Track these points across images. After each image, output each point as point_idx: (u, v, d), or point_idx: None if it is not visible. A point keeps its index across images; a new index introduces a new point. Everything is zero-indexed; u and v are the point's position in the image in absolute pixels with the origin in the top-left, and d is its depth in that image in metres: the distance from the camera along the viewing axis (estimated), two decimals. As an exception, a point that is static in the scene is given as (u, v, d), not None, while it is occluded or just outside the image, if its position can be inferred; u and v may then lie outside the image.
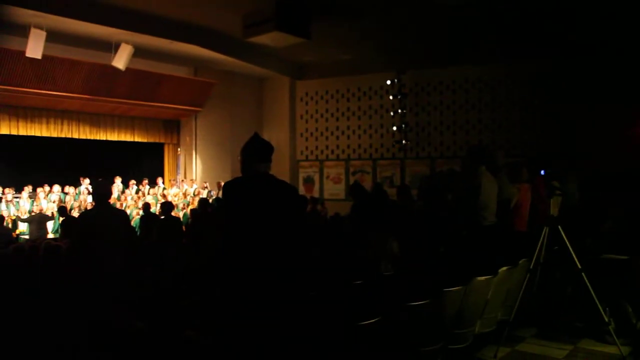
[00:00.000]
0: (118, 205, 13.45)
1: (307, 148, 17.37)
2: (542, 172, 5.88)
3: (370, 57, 15.41)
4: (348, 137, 16.86)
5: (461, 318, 4.26)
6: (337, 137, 17.01)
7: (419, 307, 3.73)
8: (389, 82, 15.41)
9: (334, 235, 6.97)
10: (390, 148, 16.09)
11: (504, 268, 4.84)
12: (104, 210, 5.09)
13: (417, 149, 15.76)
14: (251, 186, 3.47)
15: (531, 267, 5.22)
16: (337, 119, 16.99)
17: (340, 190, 16.88)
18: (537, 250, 5.20)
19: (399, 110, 15.49)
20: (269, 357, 3.26)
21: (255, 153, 3.51)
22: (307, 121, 17.45)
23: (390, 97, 15.62)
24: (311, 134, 17.39)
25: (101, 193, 5.14)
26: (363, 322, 3.34)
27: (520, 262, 5.30)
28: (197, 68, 16.34)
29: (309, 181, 17.26)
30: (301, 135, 17.45)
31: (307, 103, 17.46)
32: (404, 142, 15.57)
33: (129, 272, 5.08)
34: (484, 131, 14.70)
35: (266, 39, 12.76)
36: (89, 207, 13.35)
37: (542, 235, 5.22)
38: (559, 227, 5.14)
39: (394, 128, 15.55)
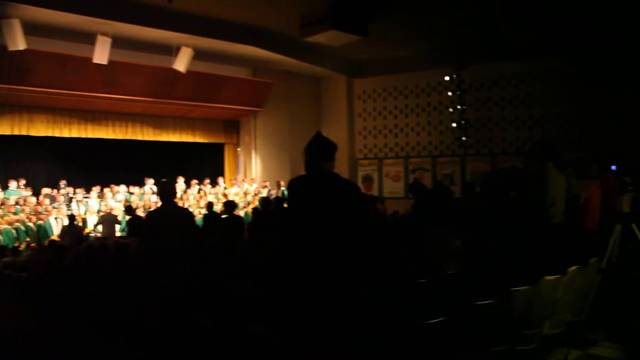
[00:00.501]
0: (180, 205, 13.77)
1: (365, 146, 17.31)
2: (614, 168, 5.63)
3: (428, 53, 15.21)
4: (407, 134, 16.70)
5: (529, 319, 4.13)
6: (396, 135, 16.88)
7: (485, 306, 3.64)
8: (447, 78, 15.16)
9: (395, 233, 6.91)
10: (450, 145, 15.83)
11: (574, 267, 4.66)
12: (169, 208, 5.22)
13: (478, 145, 15.45)
14: (315, 184, 3.47)
15: (602, 266, 5.00)
16: (396, 117, 16.86)
17: (400, 188, 16.75)
18: (609, 249, 4.99)
19: (459, 106, 15.21)
20: (331, 354, 3.26)
21: (318, 151, 3.51)
22: (365, 119, 17.39)
23: (449, 93, 15.35)
24: (369, 132, 17.32)
25: (167, 192, 5.26)
26: (428, 321, 3.29)
27: (591, 261, 5.09)
28: (255, 69, 16.54)
29: (367, 179, 17.20)
30: (359, 133, 17.40)
31: (364, 101, 17.40)
32: (464, 138, 15.28)
33: (193, 269, 5.18)
34: (547, 126, 14.24)
35: (323, 38, 12.82)
36: (152, 207, 13.74)
37: (615, 234, 5.00)
38: (633, 225, 4.91)
39: (454, 124, 15.29)
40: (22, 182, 13.94)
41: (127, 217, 11.85)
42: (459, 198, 7.45)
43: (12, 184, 13.64)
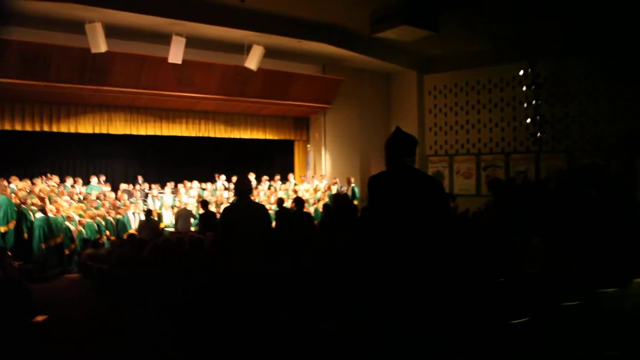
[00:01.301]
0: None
1: (436, 143, 17.02)
2: None
3: (501, 46, 14.79)
4: (479, 130, 16.30)
5: (618, 322, 3.92)
6: (467, 131, 16.52)
7: (572, 308, 3.48)
8: (522, 72, 14.66)
9: (471, 231, 6.73)
10: (524, 141, 15.33)
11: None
12: (245, 204, 5.29)
13: (553, 142, 14.87)
14: (396, 180, 3.43)
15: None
16: (467, 112, 16.49)
17: (471, 185, 16.39)
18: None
19: (534, 102, 14.68)
20: (413, 351, 3.20)
21: (398, 147, 3.47)
22: (435, 115, 17.10)
23: (524, 88, 14.84)
24: (440, 128, 17.03)
25: (242, 188, 5.33)
26: (512, 321, 3.18)
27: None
28: (325, 66, 16.58)
29: (438, 176, 16.88)
30: (430, 129, 17.13)
31: (435, 97, 17.12)
32: (539, 134, 14.74)
33: (266, 265, 5.21)
34: (633, 121, 13.48)
35: (393, 33, 12.68)
36: (224, 202, 14.03)
37: None
38: None
39: (528, 120, 14.78)
40: (102, 178, 14.58)
41: (201, 211, 12.16)
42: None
43: (94, 180, 14.28)
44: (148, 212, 12.26)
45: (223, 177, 15.82)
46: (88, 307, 8.44)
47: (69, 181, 13.74)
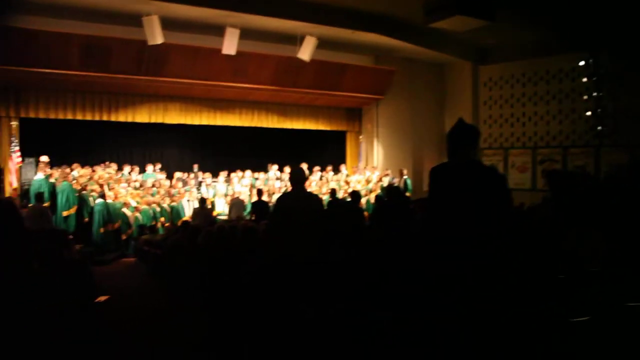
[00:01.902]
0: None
1: (490, 135, 16.69)
2: None
3: (560, 36, 14.33)
4: (535, 123, 15.90)
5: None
6: (523, 124, 16.14)
7: (636, 308, 3.36)
8: (582, 62, 14.20)
9: (526, 226, 6.57)
10: (584, 135, 14.86)
11: None
12: (299, 194, 5.33)
13: (615, 135, 14.33)
14: (457, 171, 3.39)
15: None
16: (524, 105, 16.10)
17: (526, 179, 16.02)
18: None
19: (594, 94, 14.21)
20: (469, 345, 3.16)
21: (460, 138, 3.43)
22: (490, 107, 16.78)
23: (584, 80, 14.38)
24: (495, 120, 16.69)
25: (297, 178, 5.37)
26: (573, 319, 3.09)
27: None
28: (378, 56, 16.46)
29: (491, 170, 16.59)
30: (484, 122, 16.82)
31: (490, 88, 16.78)
32: (599, 128, 14.26)
33: (320, 255, 5.23)
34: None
35: (447, 24, 12.49)
36: (276, 192, 14.17)
37: None
38: None
39: (588, 113, 14.34)
40: (158, 166, 14.92)
41: (253, 200, 12.32)
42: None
43: (149, 168, 14.64)
44: (202, 200, 12.50)
45: (275, 167, 15.95)
46: (143, 290, 8.70)
47: (126, 169, 14.13)
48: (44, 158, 12.22)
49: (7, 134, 12.45)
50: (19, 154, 12.43)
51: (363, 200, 13.95)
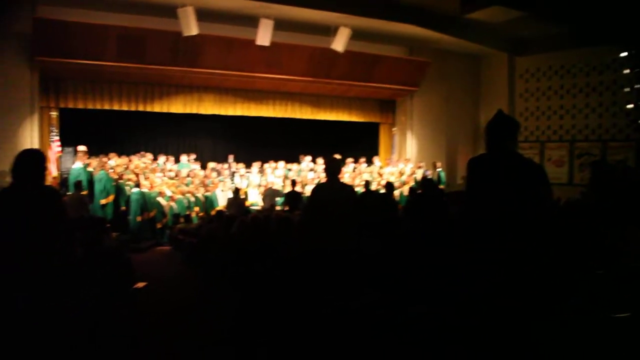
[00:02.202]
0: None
1: (526, 128, 16.38)
2: None
3: (600, 27, 13.94)
4: (573, 116, 15.57)
5: None
6: (561, 117, 15.82)
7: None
8: (624, 54, 13.81)
9: (564, 221, 6.46)
10: (624, 128, 14.50)
11: None
12: (333, 184, 5.32)
13: (658, 130, 13.97)
14: (495, 164, 3.36)
15: None
16: (562, 97, 15.78)
17: (563, 174, 15.72)
18: None
19: (636, 86, 13.82)
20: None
21: (499, 130, 3.39)
22: (527, 100, 16.48)
23: (625, 72, 14.00)
24: (532, 113, 16.40)
25: (332, 168, 5.37)
26: (614, 314, 3.03)
27: None
28: (412, 48, 16.32)
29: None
30: (520, 114, 16.51)
31: (527, 80, 16.48)
32: (640, 122, 13.90)
33: (351, 245, 5.23)
34: None
35: (484, 14, 12.33)
36: (309, 183, 14.20)
37: None
38: None
39: (629, 106, 13.96)
40: (192, 156, 15.08)
41: (287, 190, 12.38)
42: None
43: (184, 158, 14.81)
44: (236, 190, 12.60)
45: (308, 158, 15.98)
46: (178, 278, 8.83)
47: (162, 159, 14.32)
48: (82, 147, 12.47)
49: (47, 124, 12.74)
50: (58, 143, 12.71)
51: (396, 193, 13.90)
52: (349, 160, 16.07)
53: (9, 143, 11.79)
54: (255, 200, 13.88)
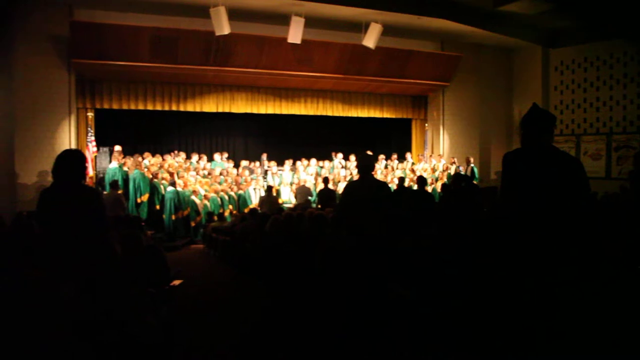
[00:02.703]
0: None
1: (561, 122, 16.06)
2: None
3: (637, 16, 13.57)
4: (610, 108, 15.21)
5: None
6: (597, 109, 15.46)
7: None
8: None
9: (601, 215, 6.33)
10: (664, 119, 14.12)
11: None
12: (367, 180, 5.32)
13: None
14: (531, 158, 3.32)
15: None
16: (598, 89, 15.42)
17: (600, 167, 15.37)
18: None
19: (676, 75, 13.44)
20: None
21: (534, 124, 3.35)
22: (562, 92, 16.17)
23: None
24: (567, 106, 16.08)
25: (365, 165, 5.37)
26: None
27: None
28: (444, 42, 16.15)
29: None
30: (555, 107, 16.21)
31: (562, 72, 16.16)
32: (682, 112, 13.50)
33: (385, 240, 5.22)
34: None
35: (517, 6, 12.13)
36: (342, 180, 14.21)
37: None
38: None
39: (670, 96, 13.57)
40: (225, 155, 15.23)
41: (319, 188, 12.41)
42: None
43: (217, 157, 14.97)
44: (269, 188, 12.69)
45: (340, 155, 15.99)
46: (212, 275, 8.93)
47: (195, 157, 14.48)
48: (118, 147, 12.71)
49: (84, 124, 13.00)
50: (94, 143, 12.97)
51: (429, 189, 13.80)
52: (381, 156, 16.02)
53: (48, 144, 12.11)
54: (287, 197, 13.94)
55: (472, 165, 15.34)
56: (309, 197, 13.14)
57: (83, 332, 2.58)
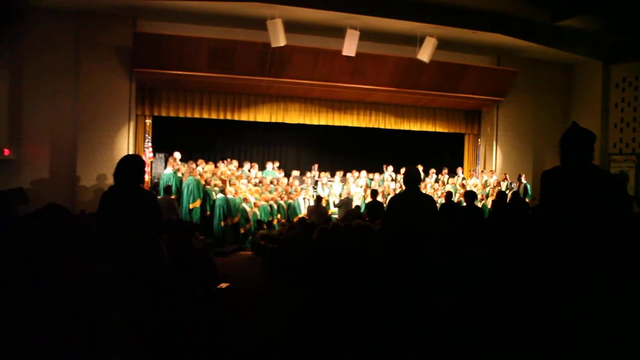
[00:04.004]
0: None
1: (621, 140, 15.58)
2: None
3: None
4: (672, 126, 14.67)
5: None
6: (659, 127, 14.94)
7: None
8: None
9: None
10: None
11: None
12: (413, 193, 5.34)
13: None
14: (571, 177, 3.30)
15: None
16: (661, 107, 14.90)
17: (660, 187, 14.81)
18: None
19: None
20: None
21: (574, 142, 3.34)
22: (622, 110, 15.67)
23: None
24: (627, 124, 15.58)
25: (412, 178, 5.40)
26: None
27: None
28: (500, 57, 15.94)
29: (621, 177, 15.48)
30: (615, 125, 15.73)
31: (624, 89, 15.67)
32: None
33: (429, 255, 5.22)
34: None
35: (576, 21, 11.91)
36: (391, 193, 14.19)
37: None
38: None
39: None
40: (276, 164, 15.45)
41: (368, 200, 12.43)
42: None
43: (269, 166, 15.20)
44: (318, 198, 12.80)
45: (391, 168, 15.98)
46: (259, 281, 9.07)
47: (247, 166, 14.75)
48: (177, 154, 13.10)
49: (142, 131, 13.45)
50: (151, 149, 13.39)
51: (479, 204, 13.61)
52: (432, 171, 15.91)
53: (107, 149, 12.58)
54: (336, 209, 14.01)
55: (524, 182, 15.05)
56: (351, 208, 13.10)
57: (134, 323, 2.71)
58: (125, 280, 2.85)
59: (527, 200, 13.62)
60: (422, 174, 15.53)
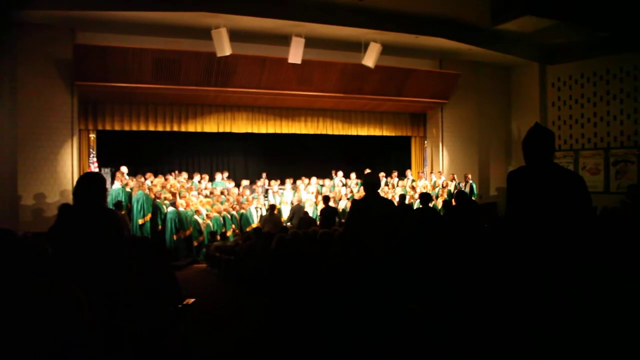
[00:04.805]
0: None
1: (559, 137, 16.21)
2: None
3: (634, 32, 13.77)
4: (608, 123, 15.38)
5: None
6: (595, 124, 15.64)
7: None
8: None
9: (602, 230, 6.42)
10: (661, 134, 14.27)
11: None
12: (373, 198, 5.40)
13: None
14: (534, 176, 3.43)
15: None
16: (595, 104, 15.61)
17: (599, 182, 15.49)
18: None
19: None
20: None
21: (536, 142, 3.48)
22: (559, 108, 16.35)
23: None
24: (564, 121, 16.25)
25: (371, 182, 5.45)
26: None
27: None
28: (442, 60, 16.34)
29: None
30: (553, 123, 16.39)
31: (559, 89, 16.35)
32: (678, 127, 13.67)
33: (393, 257, 5.29)
34: None
35: (515, 24, 12.32)
36: (342, 199, 14.28)
37: None
38: None
39: (667, 111, 13.73)
40: (226, 174, 15.32)
41: (320, 207, 12.46)
42: None
43: (218, 176, 15.05)
44: (271, 207, 12.75)
45: (341, 173, 16.09)
46: (215, 294, 8.97)
47: (197, 177, 14.57)
48: (124, 169, 12.79)
49: (86, 146, 13.08)
50: (96, 164, 13.04)
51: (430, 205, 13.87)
52: (382, 174, 16.12)
53: (51, 166, 12.17)
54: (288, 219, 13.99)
55: (470, 181, 15.44)
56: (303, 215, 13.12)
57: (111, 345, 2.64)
58: (88, 302, 2.77)
59: (473, 199, 13.98)
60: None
